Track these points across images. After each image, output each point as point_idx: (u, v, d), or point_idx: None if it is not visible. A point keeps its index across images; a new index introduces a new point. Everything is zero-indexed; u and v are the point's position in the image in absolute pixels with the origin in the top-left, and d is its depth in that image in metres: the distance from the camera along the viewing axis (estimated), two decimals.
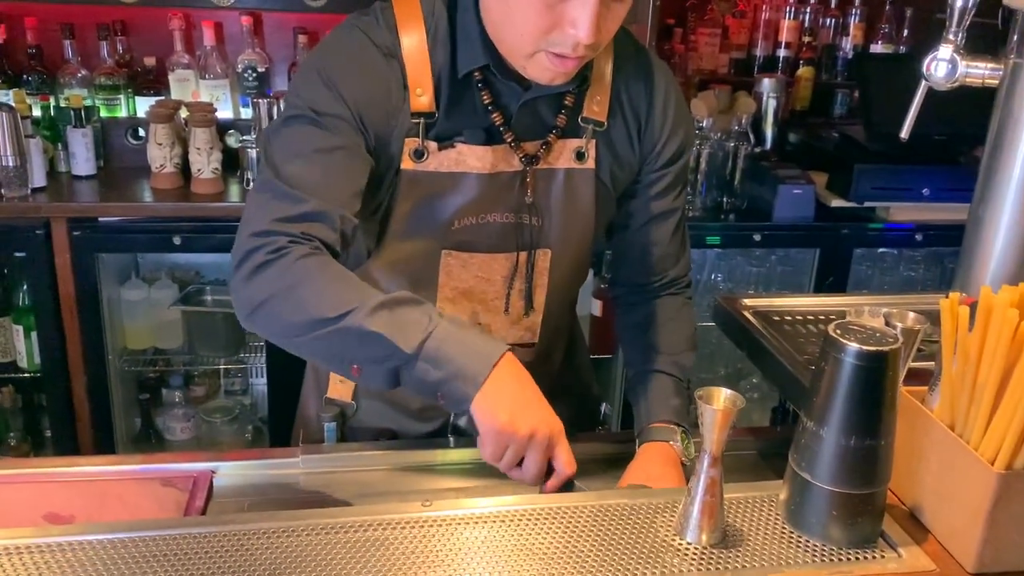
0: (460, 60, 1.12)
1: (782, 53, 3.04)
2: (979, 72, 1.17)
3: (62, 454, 2.46)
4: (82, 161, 2.48)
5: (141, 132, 2.61)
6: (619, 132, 1.21)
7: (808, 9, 3.05)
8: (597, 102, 1.18)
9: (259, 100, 2.45)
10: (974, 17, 1.16)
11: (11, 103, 2.46)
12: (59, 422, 2.45)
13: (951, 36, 1.16)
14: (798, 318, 1.42)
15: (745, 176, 2.63)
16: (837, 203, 2.61)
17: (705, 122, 2.60)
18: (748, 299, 1.46)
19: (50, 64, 2.64)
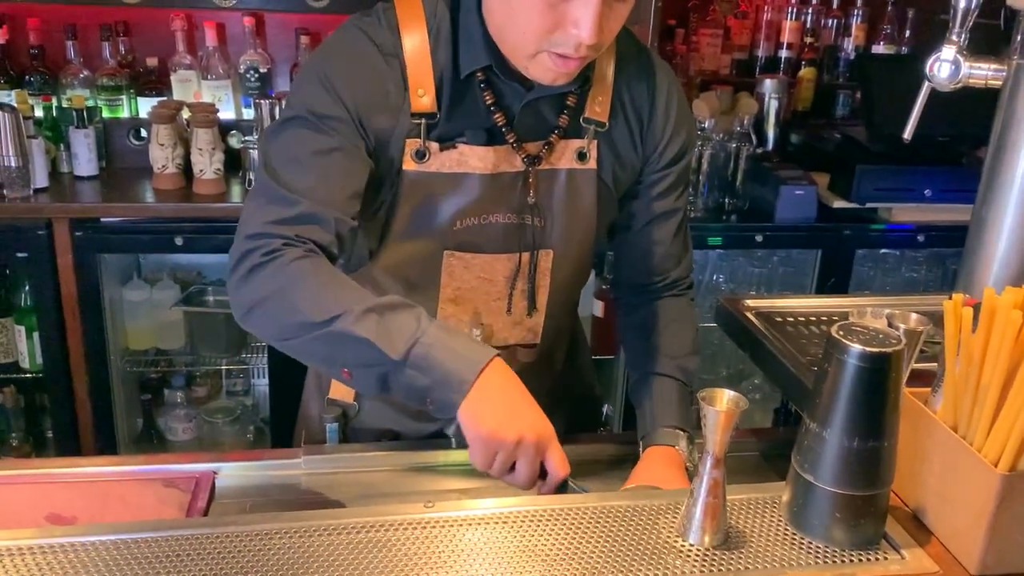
0: (462, 60, 1.12)
1: (784, 54, 3.04)
2: (982, 73, 1.17)
3: (64, 455, 2.46)
4: (84, 162, 2.48)
5: (143, 133, 2.61)
6: (621, 133, 1.21)
7: (810, 10, 3.04)
8: (599, 102, 1.18)
9: (261, 101, 2.45)
10: (976, 18, 1.16)
11: (13, 103, 2.46)
12: (61, 423, 2.45)
13: (954, 37, 1.16)
14: (800, 319, 1.42)
15: (747, 177, 2.63)
16: (839, 204, 2.61)
17: (707, 123, 2.60)
18: (750, 300, 1.46)
19: (52, 65, 2.64)
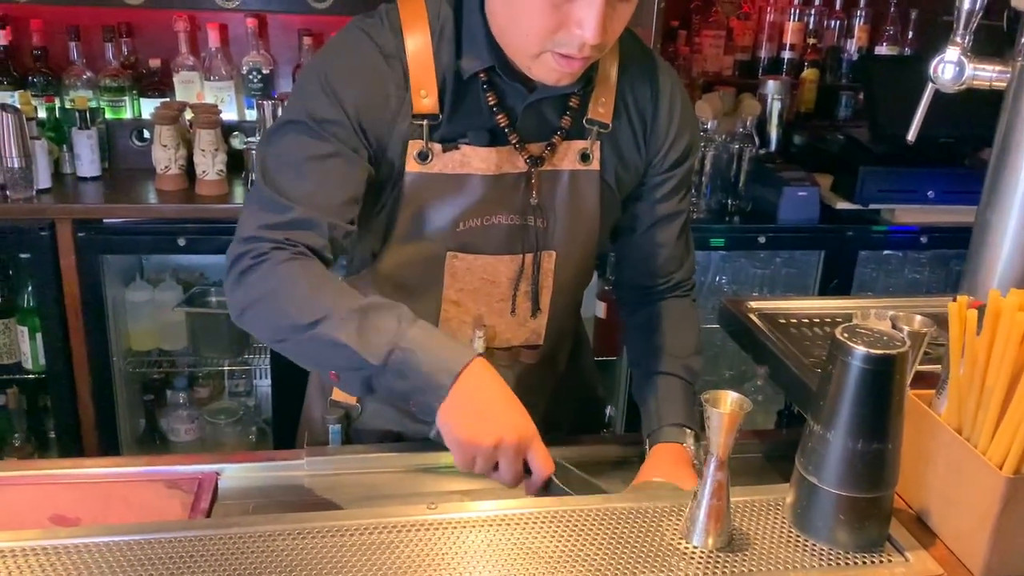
0: (465, 61, 1.12)
1: (787, 55, 3.03)
2: (987, 75, 1.17)
3: (66, 455, 2.46)
4: (87, 162, 2.48)
5: (146, 134, 2.61)
6: (624, 134, 1.21)
7: (812, 11, 3.04)
8: (602, 104, 1.18)
9: (264, 102, 2.45)
10: (980, 19, 1.16)
11: (16, 105, 2.46)
12: (63, 423, 2.45)
13: (958, 39, 1.16)
14: (804, 321, 1.42)
15: (750, 178, 2.63)
16: (842, 205, 2.61)
17: (709, 124, 2.60)
18: (753, 301, 1.46)
19: (55, 66, 2.64)
